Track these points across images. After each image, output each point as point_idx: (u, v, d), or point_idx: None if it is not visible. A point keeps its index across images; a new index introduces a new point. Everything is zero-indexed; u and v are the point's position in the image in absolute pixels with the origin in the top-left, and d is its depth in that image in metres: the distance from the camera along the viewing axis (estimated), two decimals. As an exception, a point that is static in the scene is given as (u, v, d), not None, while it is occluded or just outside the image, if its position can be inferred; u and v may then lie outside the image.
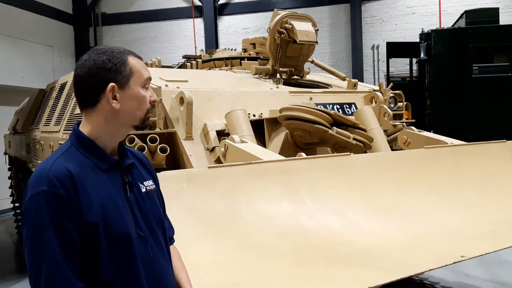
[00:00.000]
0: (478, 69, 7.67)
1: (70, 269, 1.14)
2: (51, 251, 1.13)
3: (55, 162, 1.21)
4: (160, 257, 1.35)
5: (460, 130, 6.91)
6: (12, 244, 7.02)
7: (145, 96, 1.33)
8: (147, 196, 1.39)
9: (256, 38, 5.92)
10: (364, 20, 10.83)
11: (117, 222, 1.23)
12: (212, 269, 1.87)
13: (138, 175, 1.40)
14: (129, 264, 1.25)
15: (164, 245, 1.41)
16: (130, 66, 1.30)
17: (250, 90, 3.75)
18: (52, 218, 1.14)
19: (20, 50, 9.75)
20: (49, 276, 1.12)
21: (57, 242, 1.14)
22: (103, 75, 1.27)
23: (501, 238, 2.41)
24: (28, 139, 5.38)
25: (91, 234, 1.18)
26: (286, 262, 1.99)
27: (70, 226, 1.15)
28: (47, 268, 1.12)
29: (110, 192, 1.26)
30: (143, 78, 1.33)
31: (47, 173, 1.17)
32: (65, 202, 1.15)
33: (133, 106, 1.31)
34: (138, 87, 1.31)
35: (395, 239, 2.30)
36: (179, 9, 12.12)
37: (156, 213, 1.40)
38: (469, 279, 4.36)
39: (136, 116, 1.32)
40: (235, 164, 2.35)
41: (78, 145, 1.28)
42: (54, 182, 1.15)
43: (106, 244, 1.20)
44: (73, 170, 1.19)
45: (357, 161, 2.75)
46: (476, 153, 3.28)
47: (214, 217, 2.09)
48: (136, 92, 1.31)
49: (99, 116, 1.29)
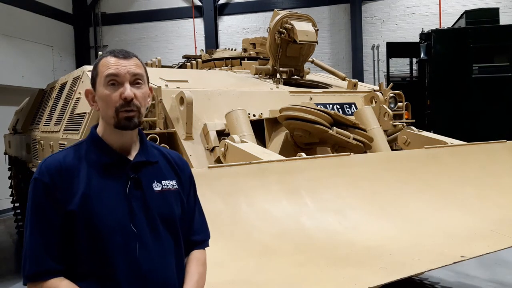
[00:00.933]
0: (478, 69, 7.67)
1: (46, 250, 1.25)
2: (32, 231, 1.27)
3: (54, 155, 1.35)
4: (154, 256, 1.32)
5: (460, 130, 6.91)
6: (12, 244, 7.01)
7: (108, 94, 1.31)
8: (161, 195, 1.37)
9: (256, 38, 5.92)
10: (364, 20, 10.83)
11: (101, 213, 1.27)
12: (212, 269, 1.87)
13: (154, 173, 1.39)
14: (106, 256, 1.26)
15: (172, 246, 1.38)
16: (97, 68, 1.36)
17: (250, 90, 3.75)
18: (34, 200, 1.29)
19: (20, 50, 9.75)
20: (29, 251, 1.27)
21: (38, 224, 1.27)
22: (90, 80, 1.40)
23: (501, 238, 2.41)
24: (28, 139, 5.37)
25: (71, 222, 1.26)
26: (286, 262, 1.99)
27: (52, 212, 1.26)
28: (30, 247, 1.27)
29: (104, 185, 1.30)
30: (103, 77, 1.33)
31: (41, 165, 1.32)
32: (50, 189, 1.27)
33: (103, 106, 1.35)
34: (101, 86, 1.34)
35: (395, 239, 2.30)
36: (179, 9, 12.12)
37: (166, 212, 1.38)
38: (469, 279, 4.35)
39: (108, 115, 1.33)
40: (235, 164, 2.35)
41: (89, 141, 1.38)
42: (43, 172, 1.29)
43: (86, 233, 1.26)
44: (65, 162, 1.31)
45: (357, 161, 2.75)
46: (476, 153, 3.28)
47: (214, 217, 2.08)
48: (100, 92, 1.34)
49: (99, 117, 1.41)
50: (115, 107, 1.31)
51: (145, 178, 1.36)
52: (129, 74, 1.33)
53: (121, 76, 1.32)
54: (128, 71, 1.33)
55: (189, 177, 1.52)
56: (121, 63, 1.33)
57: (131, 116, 1.32)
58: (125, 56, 1.35)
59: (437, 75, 7.89)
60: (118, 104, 1.31)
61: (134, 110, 1.32)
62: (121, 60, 1.34)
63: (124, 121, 1.32)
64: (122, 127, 1.33)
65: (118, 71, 1.32)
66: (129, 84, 1.33)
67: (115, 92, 1.31)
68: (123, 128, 1.33)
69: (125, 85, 1.32)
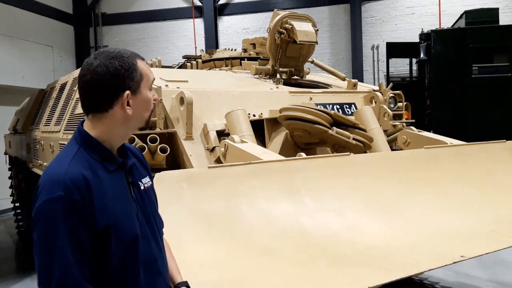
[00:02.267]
0: (478, 69, 7.67)
1: (80, 274, 1.15)
2: (63, 256, 1.13)
3: (69, 166, 1.20)
4: (159, 254, 1.39)
5: (460, 130, 6.92)
6: (12, 244, 7.01)
7: (151, 98, 1.35)
8: (145, 193, 1.41)
9: (256, 38, 5.92)
10: (364, 20, 10.83)
11: (127, 223, 1.26)
12: (212, 269, 1.88)
13: (137, 174, 1.42)
14: (131, 264, 1.27)
15: (160, 241, 1.44)
16: (140, 71, 1.31)
17: (250, 90, 3.75)
18: (66, 223, 1.14)
19: (20, 50, 9.75)
20: (60, 279, 1.13)
21: (70, 247, 1.14)
22: (117, 82, 1.26)
23: (501, 238, 2.41)
24: (28, 139, 5.38)
25: (102, 238, 1.20)
26: (286, 262, 1.99)
27: (83, 231, 1.16)
28: (59, 272, 1.13)
29: (119, 193, 1.29)
30: (150, 80, 1.34)
31: (63, 178, 1.16)
32: (80, 207, 1.16)
33: (142, 110, 1.33)
34: (147, 90, 1.33)
35: (395, 239, 2.30)
36: (179, 9, 12.13)
37: (154, 209, 1.44)
38: (469, 279, 4.36)
39: (143, 119, 1.34)
40: (235, 164, 2.35)
41: (87, 147, 1.27)
42: (70, 188, 1.15)
43: (116, 245, 1.22)
44: (87, 175, 1.20)
45: (357, 161, 2.76)
46: (476, 153, 3.28)
47: (214, 217, 2.09)
48: (145, 96, 1.32)
49: (109, 121, 1.29)
50: (151, 109, 1.36)
51: (136, 179, 1.39)
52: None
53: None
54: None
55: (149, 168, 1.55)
56: None
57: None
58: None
59: (437, 75, 7.90)
60: (152, 107, 1.36)
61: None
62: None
63: (150, 122, 1.39)
64: (146, 127, 1.38)
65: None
66: None
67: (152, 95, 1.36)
68: (144, 128, 1.39)
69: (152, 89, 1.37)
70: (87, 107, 1.31)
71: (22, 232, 6.97)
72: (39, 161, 4.58)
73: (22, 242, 6.84)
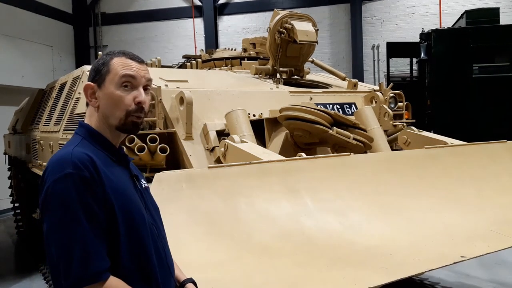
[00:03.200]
0: (478, 69, 7.67)
1: (101, 247, 1.16)
2: (83, 231, 1.13)
3: (74, 149, 1.22)
4: (167, 250, 1.42)
5: (460, 130, 6.90)
6: (12, 244, 7.01)
7: (122, 96, 1.29)
8: (146, 190, 1.44)
9: (256, 38, 5.92)
10: (364, 20, 10.83)
11: (134, 207, 1.28)
12: (211, 269, 1.87)
13: (138, 172, 1.45)
14: (144, 250, 1.27)
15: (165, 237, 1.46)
16: (109, 66, 1.30)
17: (250, 90, 3.74)
18: (80, 198, 1.14)
19: (20, 50, 9.75)
20: (83, 254, 1.12)
21: (87, 222, 1.14)
22: (90, 74, 1.34)
23: (501, 238, 2.40)
24: (28, 139, 5.37)
25: (112, 216, 1.20)
26: (286, 262, 1.99)
27: (97, 206, 1.17)
28: (81, 247, 1.12)
29: (125, 181, 1.31)
30: (117, 75, 1.29)
31: (70, 158, 1.18)
32: (91, 183, 1.16)
33: (109, 105, 1.30)
34: (112, 84, 1.29)
35: (395, 239, 2.30)
36: (179, 9, 12.12)
37: (156, 206, 1.46)
38: (469, 279, 4.35)
39: (115, 116, 1.30)
40: (235, 164, 2.35)
41: (89, 138, 1.30)
42: (79, 165, 1.16)
43: (125, 228, 1.22)
44: (94, 158, 1.22)
45: (357, 161, 2.75)
46: (476, 153, 3.28)
47: (214, 217, 2.08)
48: (110, 91, 1.29)
49: (92, 112, 1.33)
50: (126, 110, 1.29)
51: (138, 175, 1.43)
52: (145, 78, 1.33)
53: (137, 79, 1.31)
54: (143, 75, 1.33)
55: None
56: (138, 66, 1.33)
57: (139, 122, 1.33)
58: (140, 60, 1.36)
59: (437, 75, 7.89)
60: (131, 108, 1.29)
61: (142, 116, 1.33)
62: (138, 64, 1.34)
63: (131, 125, 1.31)
64: (126, 130, 1.33)
65: (136, 74, 1.31)
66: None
67: (128, 95, 1.29)
68: (126, 132, 1.34)
69: (139, 89, 1.31)
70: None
71: (22, 232, 6.96)
72: (38, 161, 4.58)
73: (22, 242, 6.83)
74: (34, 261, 5.51)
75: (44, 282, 4.79)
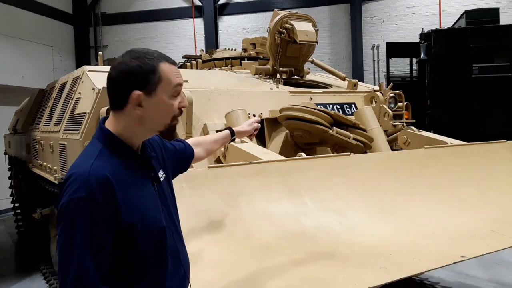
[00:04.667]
0: (478, 69, 7.67)
1: (96, 273, 1.18)
2: (80, 253, 1.17)
3: (93, 164, 1.22)
4: (181, 246, 1.44)
5: (460, 130, 6.91)
6: (12, 244, 7.01)
7: (172, 104, 1.31)
8: (164, 184, 1.44)
9: (256, 38, 5.92)
10: (364, 20, 10.83)
11: (154, 217, 1.31)
12: (212, 269, 1.87)
13: (157, 167, 1.44)
14: (162, 255, 1.32)
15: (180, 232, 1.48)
16: (159, 73, 1.28)
17: (250, 90, 3.75)
18: (85, 223, 1.17)
19: (20, 50, 9.75)
20: (76, 275, 1.16)
21: (88, 246, 1.17)
22: (132, 81, 1.26)
23: (501, 238, 2.41)
24: (28, 139, 5.37)
25: (128, 234, 1.22)
26: (286, 262, 1.99)
27: (104, 231, 1.19)
28: (75, 268, 1.16)
29: (143, 189, 1.32)
30: (171, 85, 1.30)
31: (87, 178, 1.19)
32: (102, 207, 1.18)
33: (159, 114, 1.30)
34: (165, 95, 1.29)
35: (395, 239, 2.30)
36: (179, 9, 12.13)
37: (171, 198, 1.48)
38: (469, 279, 4.35)
39: (161, 123, 1.33)
40: (235, 164, 2.35)
41: (110, 145, 1.29)
42: (93, 188, 1.18)
43: (144, 239, 1.25)
44: (111, 173, 1.22)
45: (357, 161, 2.75)
46: (476, 153, 3.28)
47: (214, 217, 2.09)
48: (163, 101, 1.29)
49: (126, 119, 1.29)
50: (173, 116, 1.33)
51: (156, 174, 1.42)
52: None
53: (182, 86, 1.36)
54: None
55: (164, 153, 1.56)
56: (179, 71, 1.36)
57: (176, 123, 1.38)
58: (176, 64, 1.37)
59: (437, 75, 7.89)
60: (176, 113, 1.33)
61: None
62: (178, 69, 1.36)
63: (172, 128, 1.36)
64: (165, 132, 1.36)
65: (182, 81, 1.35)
66: None
67: (175, 102, 1.32)
68: (164, 133, 1.38)
69: (182, 94, 1.34)
70: (109, 103, 1.33)
71: (22, 233, 6.96)
72: (38, 161, 4.58)
73: (22, 242, 6.83)
74: (34, 261, 5.52)
75: (44, 282, 4.80)
